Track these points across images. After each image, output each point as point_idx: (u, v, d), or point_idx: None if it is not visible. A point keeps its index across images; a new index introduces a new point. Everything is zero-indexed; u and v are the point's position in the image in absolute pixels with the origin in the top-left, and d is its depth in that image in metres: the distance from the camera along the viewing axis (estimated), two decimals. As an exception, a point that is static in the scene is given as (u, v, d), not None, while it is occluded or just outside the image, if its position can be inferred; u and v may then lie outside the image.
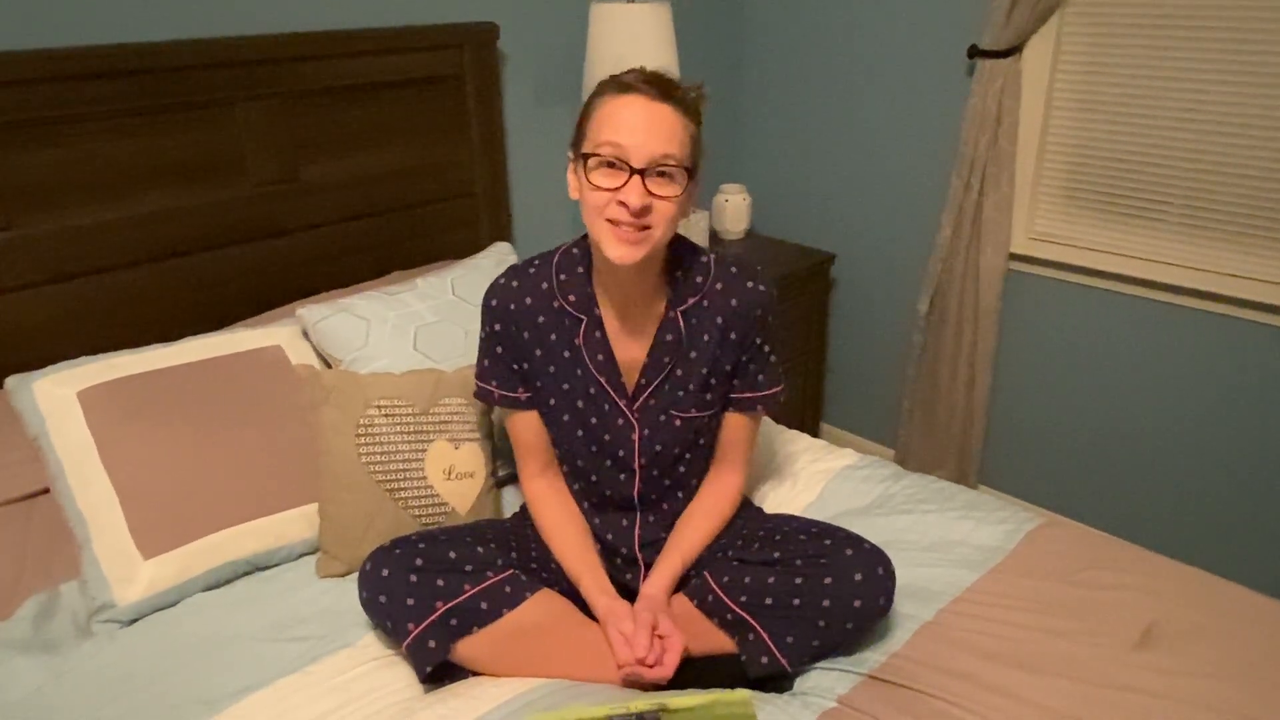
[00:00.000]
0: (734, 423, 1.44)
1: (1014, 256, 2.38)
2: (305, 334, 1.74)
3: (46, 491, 1.48)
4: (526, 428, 1.44)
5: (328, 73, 1.89)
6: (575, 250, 1.38)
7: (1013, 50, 2.19)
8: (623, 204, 1.18)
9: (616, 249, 1.21)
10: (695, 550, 1.38)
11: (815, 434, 2.96)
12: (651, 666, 1.22)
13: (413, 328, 1.73)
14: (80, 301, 1.69)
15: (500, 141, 2.25)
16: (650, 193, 1.18)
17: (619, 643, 1.24)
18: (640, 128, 1.18)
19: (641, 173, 1.18)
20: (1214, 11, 1.95)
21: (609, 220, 1.20)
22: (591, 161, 1.20)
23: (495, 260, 1.99)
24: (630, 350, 1.36)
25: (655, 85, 1.20)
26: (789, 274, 2.55)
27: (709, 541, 1.40)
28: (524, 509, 1.52)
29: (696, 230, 2.57)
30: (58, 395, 1.47)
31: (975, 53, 2.24)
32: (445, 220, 2.19)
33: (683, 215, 1.26)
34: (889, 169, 2.60)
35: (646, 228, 1.20)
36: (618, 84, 1.21)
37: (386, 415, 1.53)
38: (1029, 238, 2.37)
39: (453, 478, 1.54)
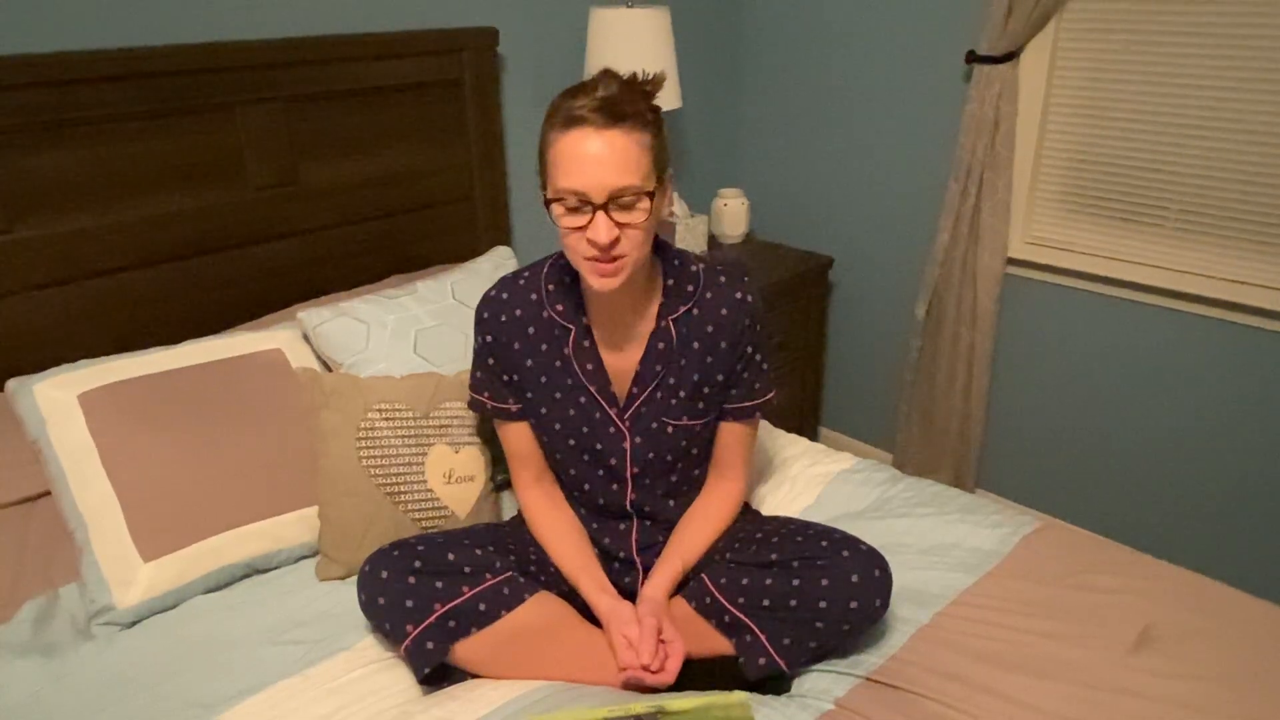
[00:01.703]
0: (732, 431, 1.44)
1: (1011, 261, 2.39)
2: (305, 337, 1.74)
3: (46, 494, 1.48)
4: (519, 438, 1.44)
5: (328, 77, 1.90)
6: (564, 260, 1.39)
7: (1010, 56, 2.20)
8: (591, 240, 1.18)
9: (598, 281, 1.22)
10: (696, 554, 1.39)
11: (813, 438, 2.97)
12: (655, 672, 1.22)
13: (412, 331, 1.74)
14: (81, 304, 1.69)
15: (499, 146, 2.25)
16: (616, 223, 1.17)
17: (622, 646, 1.24)
18: (593, 165, 1.14)
19: (604, 206, 1.16)
20: (1210, 17, 1.96)
21: (585, 258, 1.21)
22: (555, 207, 1.19)
23: (494, 264, 1.99)
24: (621, 359, 1.37)
25: (603, 111, 1.14)
26: (787, 278, 2.55)
27: (709, 545, 1.40)
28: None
29: (696, 234, 2.57)
30: (58, 398, 1.47)
31: (973, 58, 2.25)
32: (444, 224, 2.19)
33: (657, 221, 1.25)
34: (887, 174, 2.61)
35: (620, 256, 1.20)
36: (566, 117, 1.16)
37: (387, 419, 1.53)
38: (1026, 242, 2.38)
39: (452, 481, 1.55)
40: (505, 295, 1.39)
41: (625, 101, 1.16)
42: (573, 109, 1.15)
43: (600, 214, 1.16)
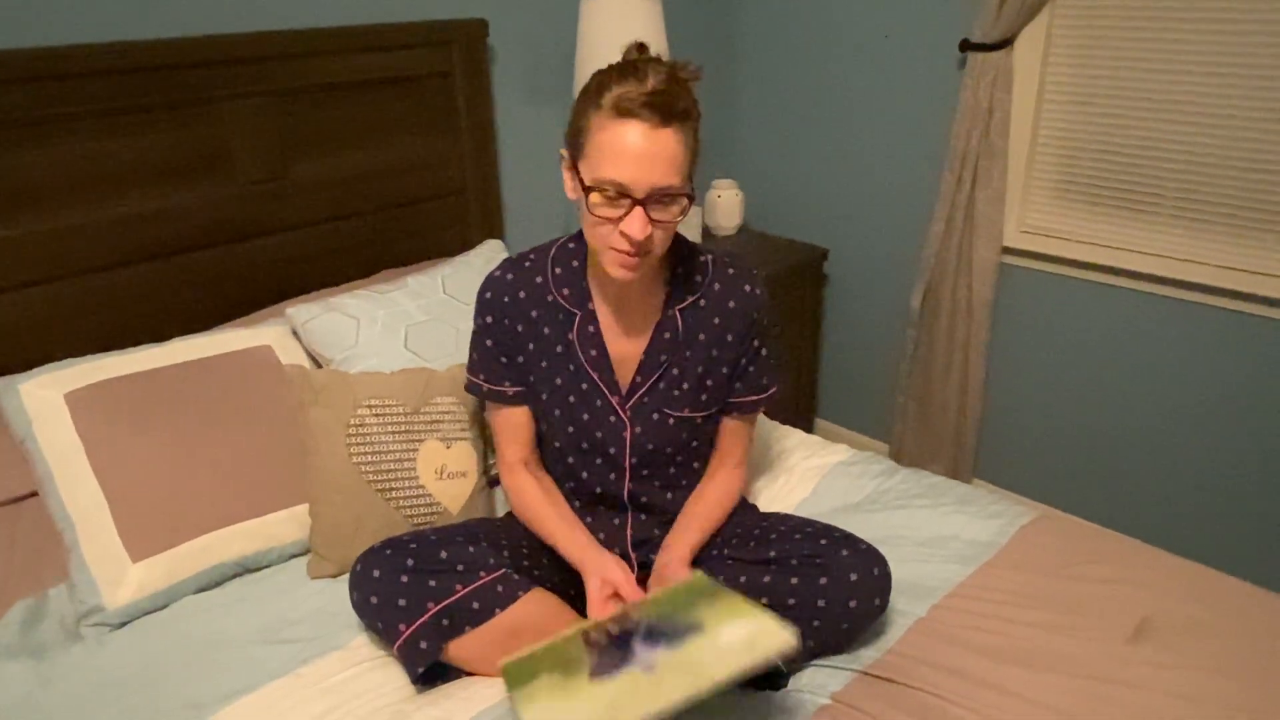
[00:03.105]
0: (734, 425, 1.44)
1: (1006, 250, 2.38)
2: (295, 333, 1.73)
3: (34, 495, 1.47)
4: (509, 421, 1.43)
5: (316, 70, 1.87)
6: (571, 244, 1.37)
7: (1004, 43, 2.18)
8: (625, 233, 1.17)
9: (617, 271, 1.21)
10: (714, 524, 1.37)
11: (809, 430, 2.96)
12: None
13: (403, 326, 1.72)
14: (67, 302, 1.67)
15: (490, 138, 2.23)
16: (652, 219, 1.17)
17: (598, 593, 1.21)
18: (642, 161, 1.13)
19: (643, 202, 1.15)
20: (1204, 3, 1.95)
21: (611, 248, 1.19)
22: (593, 196, 1.17)
23: (486, 258, 1.98)
24: (626, 346, 1.36)
25: (657, 108, 1.12)
26: (782, 269, 2.54)
27: (722, 522, 1.39)
28: (516, 508, 1.51)
29: (689, 226, 2.56)
30: (45, 397, 1.45)
31: (966, 46, 2.23)
32: (435, 218, 2.18)
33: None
34: (881, 163, 2.59)
35: (649, 251, 1.20)
36: (618, 106, 1.13)
37: (377, 415, 1.52)
38: (1021, 231, 2.37)
39: (444, 477, 1.53)
40: (510, 276, 1.37)
41: (676, 98, 1.14)
42: (626, 99, 1.12)
43: (638, 209, 1.15)
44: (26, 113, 1.55)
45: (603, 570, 1.25)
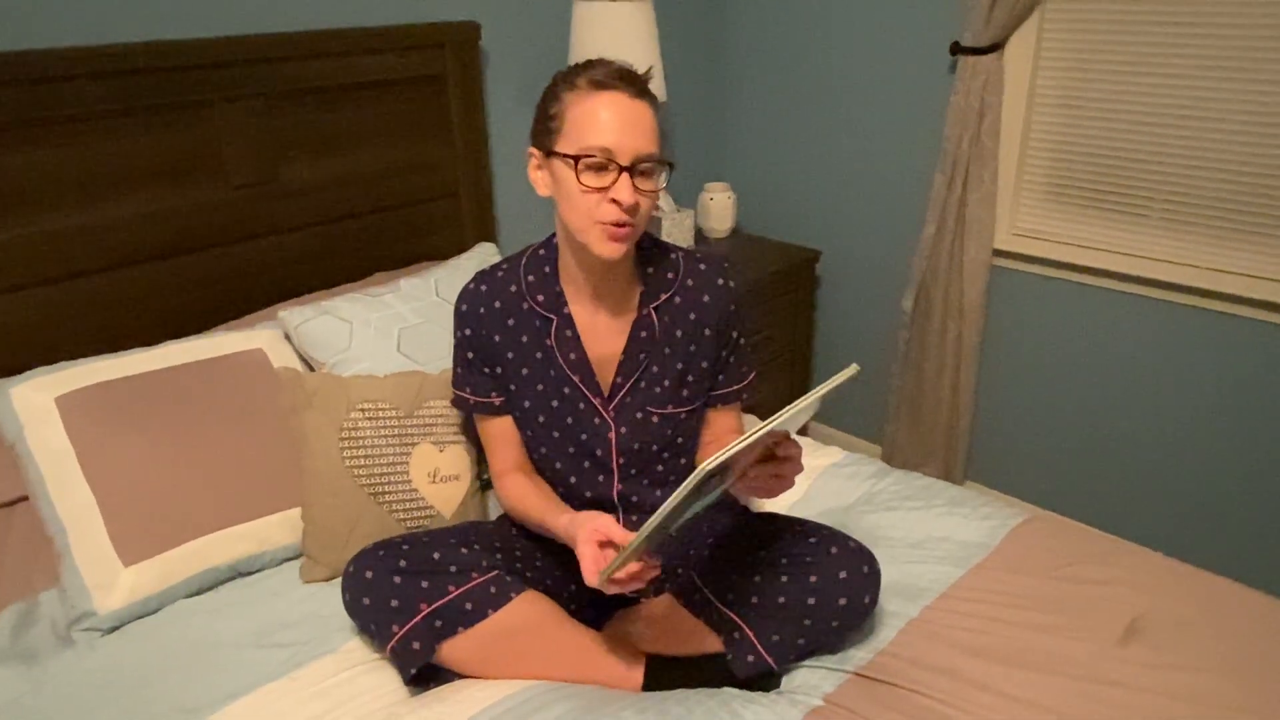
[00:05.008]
0: (723, 413, 1.45)
1: (998, 253, 2.39)
2: (287, 337, 1.73)
3: (25, 499, 1.46)
4: (499, 431, 1.43)
5: (308, 73, 1.87)
6: (542, 251, 1.39)
7: (994, 47, 2.19)
8: (615, 202, 1.19)
9: (607, 246, 1.22)
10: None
11: (801, 432, 2.97)
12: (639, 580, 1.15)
13: (396, 329, 1.72)
14: (59, 305, 1.67)
15: (483, 141, 2.24)
16: (637, 189, 1.20)
17: (590, 542, 1.15)
18: (626, 127, 1.19)
19: (629, 170, 1.19)
20: (1194, 7, 1.96)
21: (599, 222, 1.21)
22: (581, 165, 1.19)
23: (479, 261, 1.98)
24: (604, 348, 1.36)
25: (631, 82, 1.21)
26: (774, 272, 2.55)
27: None
28: (509, 510, 1.51)
29: (682, 229, 2.56)
30: (36, 401, 1.45)
31: (957, 50, 2.24)
32: (428, 221, 2.18)
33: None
34: (873, 166, 2.60)
35: (635, 224, 1.22)
36: (592, 81, 1.20)
37: (370, 418, 1.52)
38: (1012, 234, 2.38)
39: (437, 481, 1.53)
40: (484, 288, 1.38)
41: (646, 80, 1.24)
42: (598, 75, 1.20)
43: (625, 176, 1.19)
44: (15, 115, 1.54)
45: (590, 519, 1.18)
